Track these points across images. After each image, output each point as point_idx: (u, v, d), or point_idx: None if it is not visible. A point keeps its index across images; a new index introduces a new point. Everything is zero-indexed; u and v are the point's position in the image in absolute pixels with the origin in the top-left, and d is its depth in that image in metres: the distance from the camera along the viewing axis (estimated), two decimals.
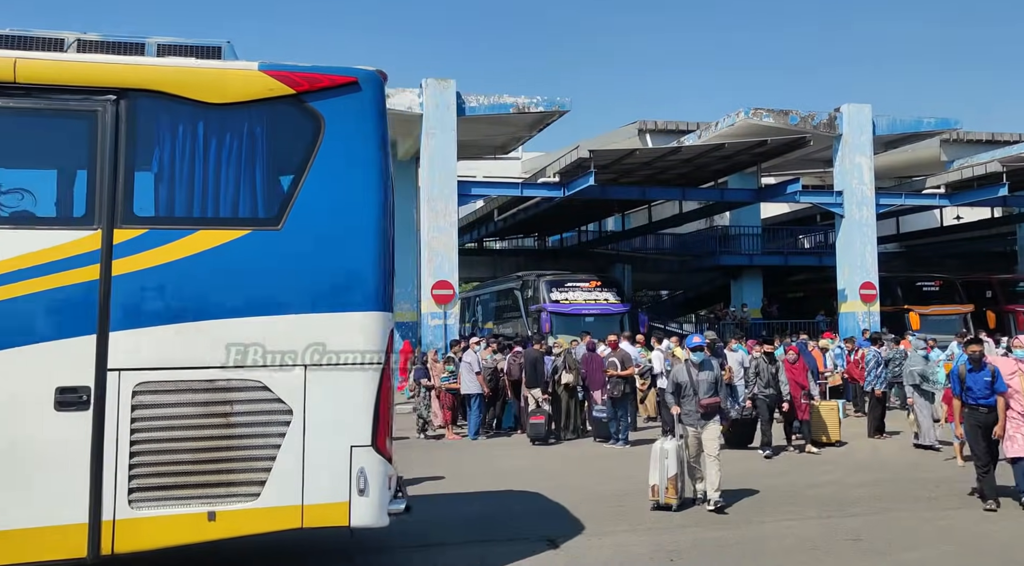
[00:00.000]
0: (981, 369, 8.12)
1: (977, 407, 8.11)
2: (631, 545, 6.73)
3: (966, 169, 23.35)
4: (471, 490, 9.19)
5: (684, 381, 8.25)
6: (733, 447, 11.34)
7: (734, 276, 28.49)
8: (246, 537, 5.13)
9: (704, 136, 21.77)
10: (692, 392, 8.18)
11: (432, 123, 18.82)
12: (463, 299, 29.68)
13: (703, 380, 8.18)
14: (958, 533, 7.03)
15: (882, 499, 8.39)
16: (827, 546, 6.63)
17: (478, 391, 13.60)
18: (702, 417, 8.11)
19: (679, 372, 8.41)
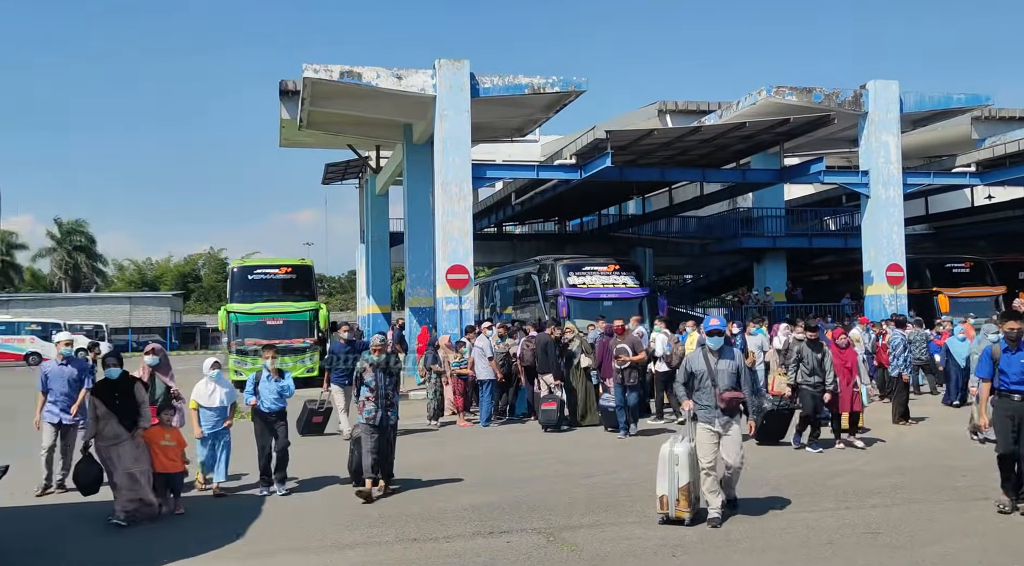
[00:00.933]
0: (1020, 349, 7.08)
1: (1011, 394, 7.08)
2: (635, 538, 6.46)
3: (998, 147, 22.63)
4: (477, 478, 8.96)
5: (700, 370, 7.08)
6: (764, 442, 10.46)
7: (757, 259, 27.97)
8: None
9: (725, 116, 21.25)
10: (711, 383, 7.01)
11: (445, 105, 18.52)
12: (482, 284, 29.48)
13: (723, 370, 7.02)
14: (983, 526, 6.66)
15: (904, 489, 8.03)
16: (842, 540, 6.31)
17: (490, 377, 13.37)
18: (722, 413, 6.95)
19: (694, 359, 7.26)
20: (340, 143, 26.30)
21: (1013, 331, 7.13)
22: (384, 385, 8.26)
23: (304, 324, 22.18)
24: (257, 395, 8.58)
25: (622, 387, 11.69)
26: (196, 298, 71.53)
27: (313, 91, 19.14)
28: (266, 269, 23.25)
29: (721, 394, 6.93)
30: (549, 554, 6.03)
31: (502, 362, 13.77)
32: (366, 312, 31.77)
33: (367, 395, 8.26)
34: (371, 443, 8.09)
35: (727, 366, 7.05)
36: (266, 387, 8.62)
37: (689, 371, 7.19)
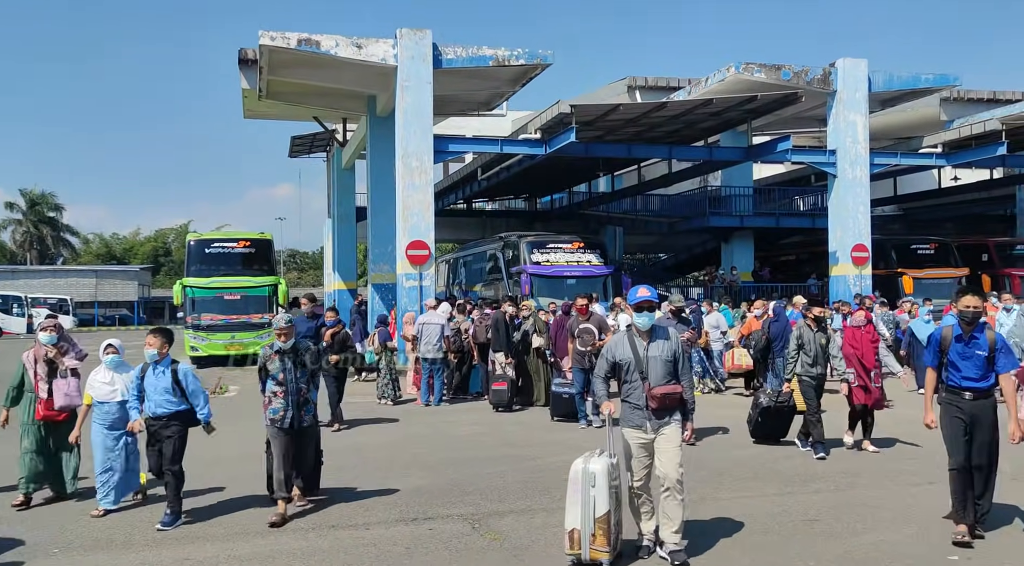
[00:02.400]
0: (976, 336, 5.79)
1: (960, 391, 5.80)
2: (563, 526, 6.18)
3: (964, 128, 22.55)
4: (415, 460, 8.68)
5: (625, 359, 5.44)
6: (760, 440, 9.30)
7: (725, 238, 27.83)
8: None
9: (693, 92, 20.93)
10: (638, 376, 5.37)
11: (407, 75, 18.04)
12: (448, 261, 29.13)
13: (655, 357, 5.39)
14: (924, 512, 6.47)
15: (849, 473, 7.85)
16: (779, 528, 6.08)
17: (441, 354, 13.02)
18: (654, 415, 5.35)
19: (617, 345, 5.54)
20: (306, 115, 25.68)
21: (969, 311, 5.76)
22: (295, 378, 6.63)
23: (263, 299, 21.74)
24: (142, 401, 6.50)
25: (583, 372, 10.49)
26: (166, 272, 70.46)
27: (271, 60, 18.55)
28: (224, 242, 22.72)
29: (651, 390, 5.32)
30: (469, 543, 5.76)
31: (454, 340, 13.46)
32: (332, 288, 31.32)
33: (273, 390, 6.63)
34: (280, 451, 6.54)
35: (661, 352, 5.40)
36: (151, 383, 6.47)
37: (611, 361, 5.51)
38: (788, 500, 6.91)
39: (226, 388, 15.91)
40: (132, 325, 54.69)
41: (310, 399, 6.83)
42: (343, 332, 11.22)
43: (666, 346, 5.45)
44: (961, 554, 5.47)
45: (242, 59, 22.17)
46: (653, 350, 5.43)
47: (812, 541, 5.78)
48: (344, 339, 11.14)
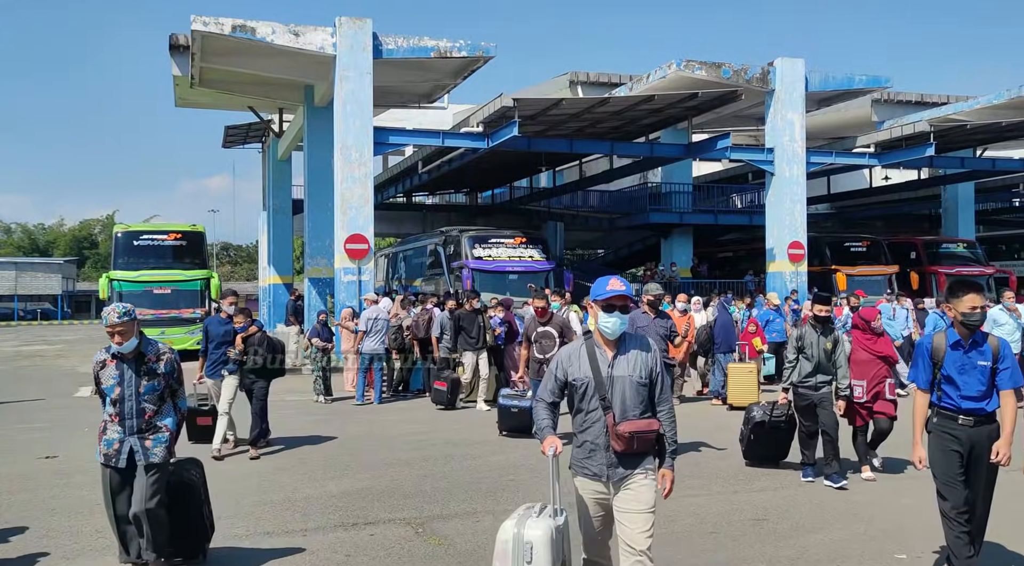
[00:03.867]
0: (978, 343, 4.67)
1: (956, 415, 4.67)
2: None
3: (895, 129, 23.14)
4: (354, 461, 8.38)
5: (581, 378, 3.93)
6: (758, 463, 7.91)
7: (664, 234, 28.04)
8: None
9: (635, 89, 20.98)
10: (598, 404, 3.87)
11: (346, 65, 17.60)
12: (387, 255, 28.69)
13: (623, 377, 3.87)
14: (870, 510, 6.49)
15: (797, 468, 7.84)
16: (727, 528, 6.00)
17: (381, 350, 12.70)
18: (618, 462, 3.84)
19: (569, 358, 4.01)
20: (241, 104, 24.90)
21: (975, 313, 4.62)
22: (136, 395, 4.87)
23: (194, 293, 21.11)
24: None
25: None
26: (92, 265, 67.99)
27: (204, 46, 17.88)
28: (153, 235, 21.96)
29: (616, 426, 3.78)
30: (413, 549, 5.52)
31: (394, 335, 13.16)
32: (267, 282, 30.54)
33: (109, 413, 4.94)
34: (112, 498, 4.94)
35: (632, 369, 3.87)
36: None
37: (561, 379, 3.98)
38: (734, 498, 6.86)
39: None
40: (55, 320, 52.59)
41: (161, 425, 4.98)
42: (258, 335, 9.02)
43: (640, 362, 3.86)
44: (910, 552, 5.47)
45: (173, 45, 21.34)
46: (621, 367, 3.84)
47: (763, 541, 5.71)
48: (262, 342, 9.04)
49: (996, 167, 24.92)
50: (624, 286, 3.96)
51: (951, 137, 23.02)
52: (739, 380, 11.56)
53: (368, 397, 12.79)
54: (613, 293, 3.91)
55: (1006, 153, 26.96)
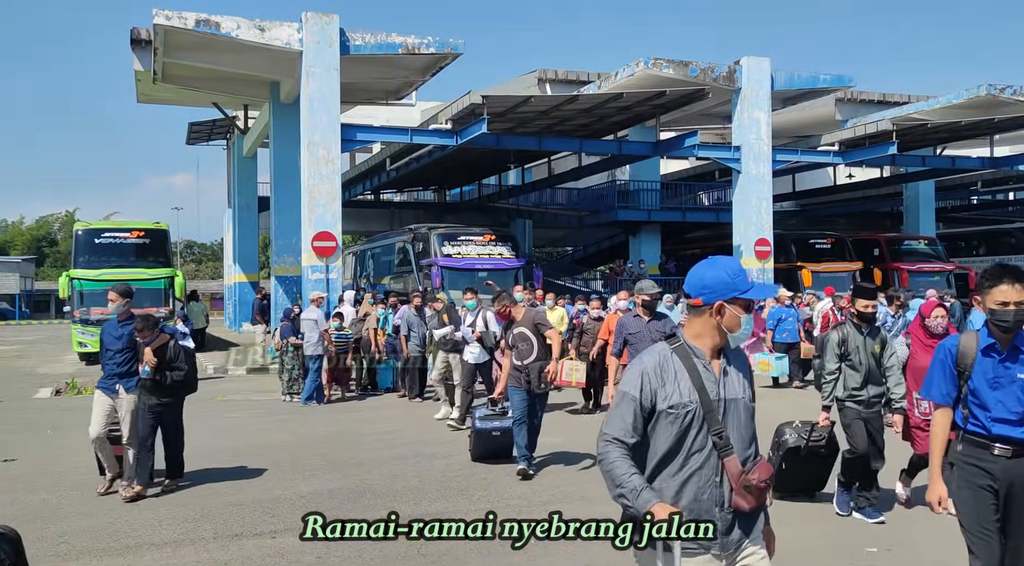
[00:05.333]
0: (1020, 352, 3.63)
1: (989, 442, 3.60)
2: None
3: (859, 127, 23.49)
4: (323, 461, 8.28)
5: (684, 404, 2.69)
6: (787, 495, 6.45)
7: (633, 232, 28.18)
8: None
9: (604, 86, 21.03)
10: (709, 441, 2.68)
11: (313, 61, 17.39)
12: (355, 253, 28.47)
13: (736, 401, 2.76)
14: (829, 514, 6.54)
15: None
16: None
17: (320, 352, 12.53)
18: (736, 526, 2.71)
19: (661, 371, 2.72)
20: (205, 100, 24.52)
21: (1007, 311, 3.59)
22: None
23: (158, 292, 20.70)
24: None
25: (526, 392, 7.61)
26: (51, 263, 66.61)
27: (166, 41, 17.57)
28: (116, 232, 21.52)
29: (748, 475, 2.69)
30: (386, 550, 5.46)
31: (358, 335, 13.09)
32: (233, 281, 30.19)
33: None
34: None
35: (743, 388, 2.82)
36: None
37: (649, 406, 2.71)
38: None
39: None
40: (13, 320, 51.44)
41: None
42: (172, 345, 7.17)
43: (744, 378, 2.84)
44: (880, 545, 5.52)
45: (135, 39, 20.95)
46: (733, 386, 2.77)
47: None
48: (177, 354, 7.17)
49: (956, 165, 25.41)
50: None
51: (913, 136, 23.42)
52: None
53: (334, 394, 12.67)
54: (768, 289, 2.86)
55: (964, 152, 27.51)
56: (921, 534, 5.76)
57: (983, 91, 21.78)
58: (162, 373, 6.96)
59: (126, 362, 7.02)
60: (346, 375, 13.26)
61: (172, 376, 6.99)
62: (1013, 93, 22.12)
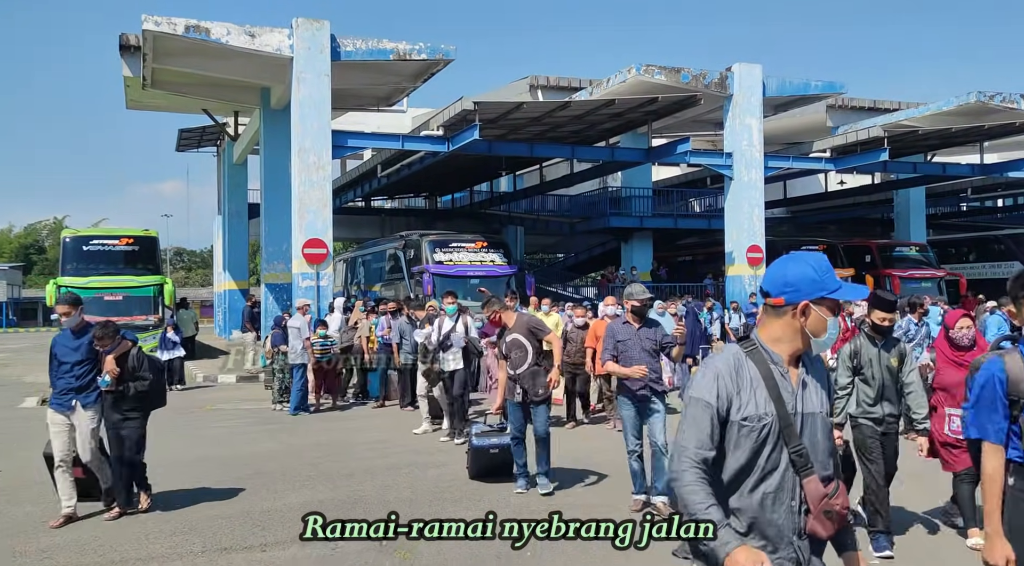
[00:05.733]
0: None
1: None
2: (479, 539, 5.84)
3: (851, 134, 23.52)
4: (314, 471, 8.16)
5: (759, 416, 2.37)
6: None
7: (625, 239, 28.14)
8: None
9: (595, 93, 21.01)
10: (787, 459, 2.37)
11: (303, 67, 17.29)
12: (346, 260, 28.34)
13: (813, 416, 2.44)
14: None
15: None
16: None
17: (304, 361, 12.36)
18: (812, 555, 2.43)
19: (736, 376, 2.41)
20: (195, 107, 24.36)
21: None
22: None
23: (147, 300, 20.56)
24: None
25: (522, 406, 7.17)
26: (39, 271, 66.15)
27: (155, 47, 17.43)
28: (104, 239, 21.36)
29: (833, 498, 2.40)
30: (377, 563, 5.34)
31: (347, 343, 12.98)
32: (222, 288, 29.98)
33: None
34: None
35: (821, 400, 2.50)
36: None
37: (724, 414, 2.39)
38: None
39: None
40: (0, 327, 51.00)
41: None
42: (134, 353, 6.53)
43: (823, 389, 2.51)
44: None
45: (123, 45, 20.76)
46: (811, 399, 2.45)
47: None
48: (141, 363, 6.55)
49: (947, 172, 25.47)
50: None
51: (904, 142, 23.47)
52: None
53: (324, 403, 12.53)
54: (859, 290, 2.52)
55: (953, 159, 27.60)
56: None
57: (973, 98, 21.88)
58: (124, 384, 6.40)
59: (85, 375, 6.42)
60: (335, 383, 13.11)
61: (135, 386, 6.41)
62: (1002, 100, 22.23)
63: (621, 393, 6.65)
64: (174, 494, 7.18)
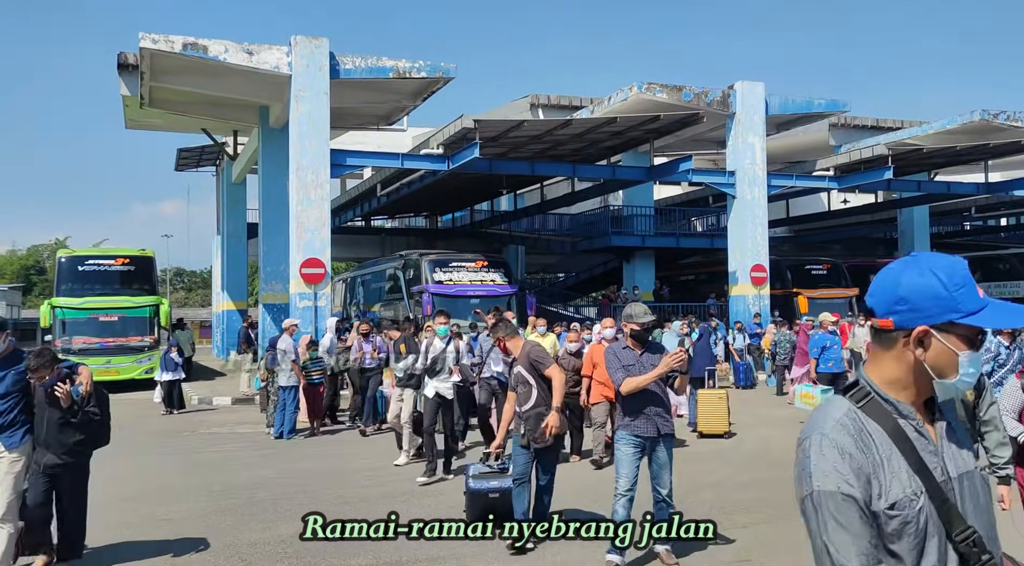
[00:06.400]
0: None
1: None
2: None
3: (854, 152, 23.34)
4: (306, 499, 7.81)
5: (907, 499, 1.60)
6: None
7: (626, 258, 27.90)
8: None
9: (596, 111, 20.85)
10: (944, 548, 1.61)
11: (302, 85, 17.14)
12: (345, 280, 28.08)
13: (971, 478, 1.71)
14: None
15: (774, 504, 7.49)
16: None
17: (294, 383, 11.99)
18: None
19: (866, 451, 1.63)
20: (194, 126, 24.25)
21: None
22: None
23: (143, 320, 20.30)
24: None
25: (526, 447, 6.20)
26: (39, 292, 65.91)
27: (153, 65, 17.29)
28: (99, 260, 21.12)
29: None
30: None
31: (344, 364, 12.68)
32: (221, 308, 29.71)
33: None
34: None
35: (968, 453, 1.75)
36: None
37: (869, 508, 1.60)
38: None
39: None
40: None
41: None
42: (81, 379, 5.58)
43: (967, 434, 1.81)
44: None
45: (122, 63, 20.66)
46: (958, 457, 1.72)
47: None
48: (88, 399, 5.55)
49: (951, 191, 25.26)
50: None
51: (908, 161, 23.29)
52: (709, 406, 11.25)
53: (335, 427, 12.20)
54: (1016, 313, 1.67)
55: (956, 178, 27.40)
56: None
57: (977, 116, 21.70)
58: (71, 414, 5.37)
59: (9, 411, 5.32)
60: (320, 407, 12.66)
61: (82, 417, 5.40)
62: (1007, 118, 22.05)
63: (623, 430, 5.61)
64: (158, 525, 6.86)
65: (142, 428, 13.50)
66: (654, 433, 5.55)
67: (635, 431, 5.53)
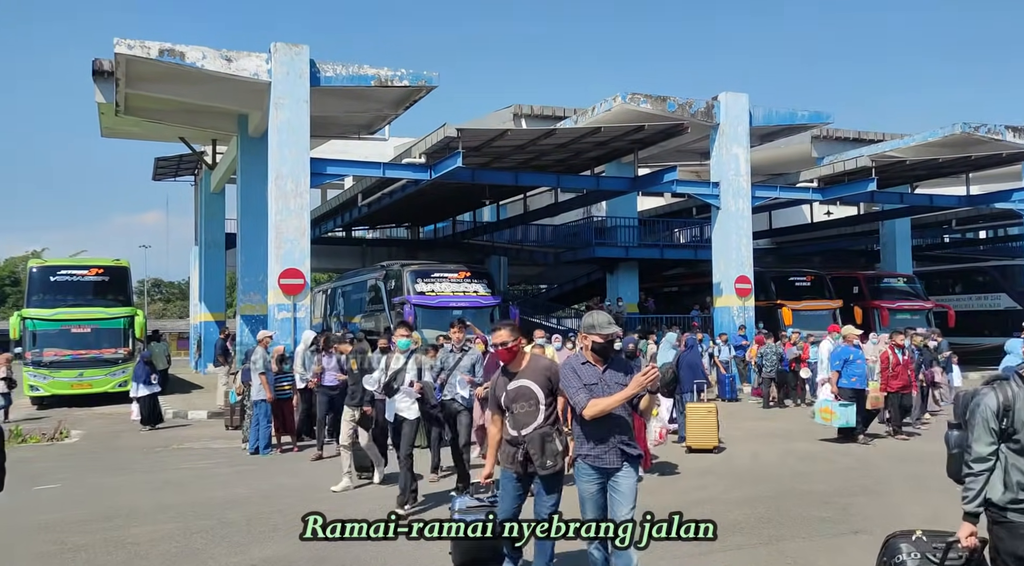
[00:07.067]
0: None
1: None
2: None
3: (838, 164, 23.33)
4: (280, 520, 7.49)
5: None
6: None
7: (610, 269, 27.72)
8: None
9: (580, 121, 20.69)
10: None
11: (281, 92, 16.82)
12: (325, 291, 27.69)
13: None
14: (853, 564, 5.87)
15: (769, 522, 7.25)
16: None
17: (263, 397, 11.57)
18: None
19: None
20: (171, 135, 23.85)
21: None
22: None
23: (117, 332, 19.84)
24: None
25: (519, 478, 5.15)
26: (12, 303, 64.76)
27: (129, 71, 16.91)
28: (72, 270, 20.63)
29: None
30: None
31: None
32: (199, 320, 29.20)
33: None
34: None
35: None
36: None
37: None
38: (707, 560, 6.20)
39: (67, 433, 14.09)
40: None
41: None
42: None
43: None
44: None
45: (97, 70, 20.24)
46: None
47: None
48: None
49: (934, 203, 25.32)
50: None
51: (890, 173, 23.31)
52: (698, 420, 11.00)
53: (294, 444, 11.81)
54: None
55: (936, 190, 27.49)
56: None
57: (958, 129, 21.77)
58: None
59: None
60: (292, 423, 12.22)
61: None
62: (988, 131, 22.13)
63: (583, 461, 4.80)
64: (122, 548, 6.49)
65: (113, 444, 13.07)
66: (618, 464, 4.74)
67: (597, 463, 4.74)
